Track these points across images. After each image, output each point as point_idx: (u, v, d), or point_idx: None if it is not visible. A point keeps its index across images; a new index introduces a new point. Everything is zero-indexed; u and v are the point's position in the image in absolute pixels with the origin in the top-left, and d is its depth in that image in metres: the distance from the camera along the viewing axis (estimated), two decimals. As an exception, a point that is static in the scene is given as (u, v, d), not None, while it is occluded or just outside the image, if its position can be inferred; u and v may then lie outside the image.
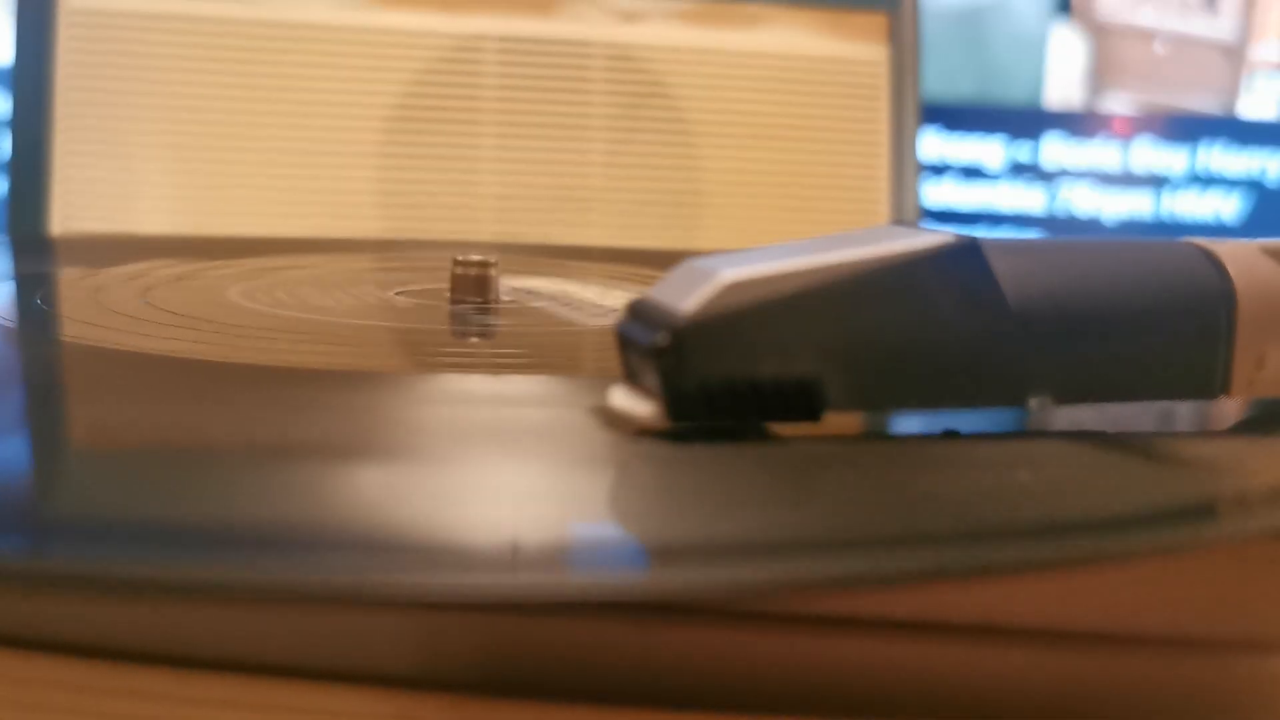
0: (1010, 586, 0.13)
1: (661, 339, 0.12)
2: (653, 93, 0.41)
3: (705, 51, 0.42)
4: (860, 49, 0.43)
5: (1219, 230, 0.61)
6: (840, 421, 0.13)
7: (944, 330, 0.12)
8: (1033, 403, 0.13)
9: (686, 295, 0.12)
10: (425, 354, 0.19)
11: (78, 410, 0.14)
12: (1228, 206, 0.62)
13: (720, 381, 0.12)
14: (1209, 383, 0.13)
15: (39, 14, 0.36)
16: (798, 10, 0.43)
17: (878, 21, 0.43)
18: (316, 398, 0.14)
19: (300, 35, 0.38)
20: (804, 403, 0.12)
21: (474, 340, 0.20)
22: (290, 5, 0.38)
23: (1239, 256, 0.13)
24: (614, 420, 0.13)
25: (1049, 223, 0.62)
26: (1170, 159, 0.62)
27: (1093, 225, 0.62)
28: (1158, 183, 0.62)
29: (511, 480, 0.11)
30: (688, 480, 0.11)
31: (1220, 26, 0.63)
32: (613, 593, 0.10)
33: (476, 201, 0.39)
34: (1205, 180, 0.61)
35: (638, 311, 0.13)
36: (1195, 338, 0.13)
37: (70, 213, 0.35)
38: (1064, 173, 0.62)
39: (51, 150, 0.35)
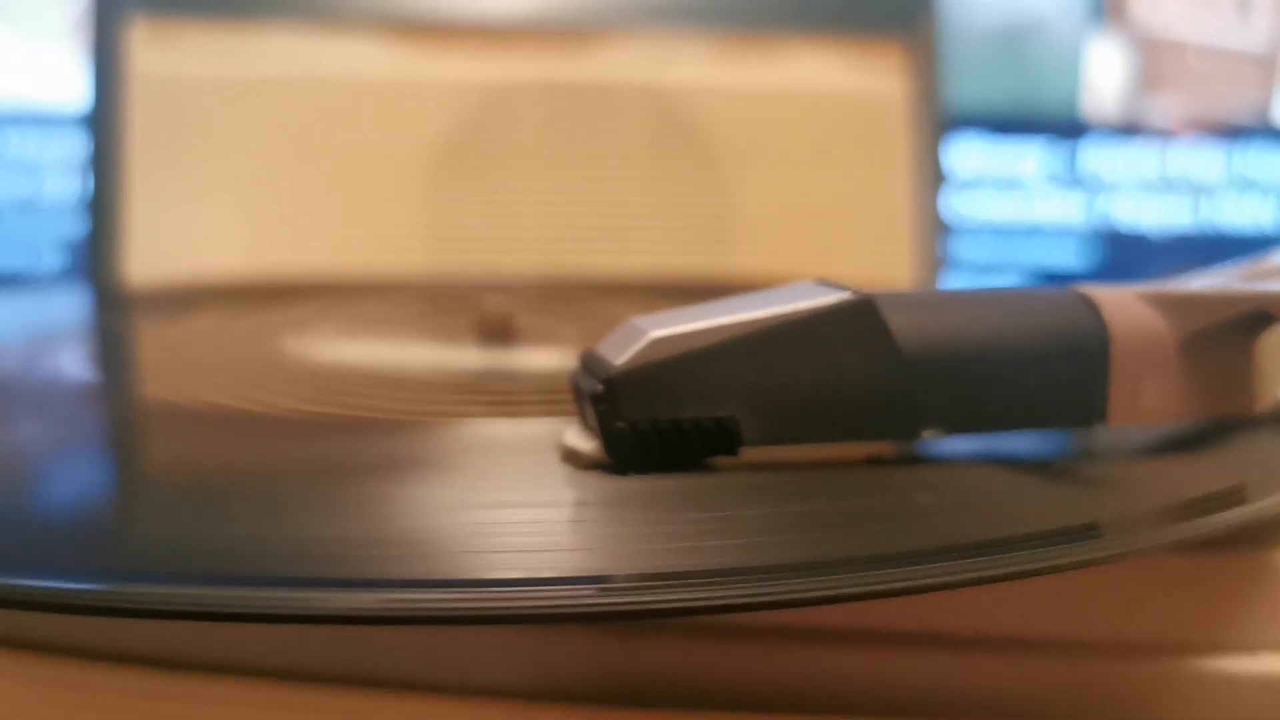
0: (942, 598, 0.15)
1: (597, 388, 0.14)
2: (685, 130, 0.43)
3: (733, 89, 0.44)
4: (881, 77, 0.45)
5: (1261, 239, 0.62)
6: (773, 453, 0.15)
7: (843, 376, 0.14)
8: (926, 434, 0.15)
9: (620, 349, 0.14)
10: (466, 399, 0.21)
11: (150, 458, 0.17)
12: (1268, 213, 0.62)
13: (648, 423, 0.14)
14: (1088, 414, 0.15)
15: (112, 80, 0.39)
16: (821, 43, 0.44)
17: (899, 49, 0.45)
18: (377, 445, 0.16)
19: (352, 87, 0.41)
20: (723, 440, 0.14)
21: (504, 383, 0.22)
22: (340, 63, 0.41)
23: (1116, 301, 0.15)
24: (567, 455, 0.15)
25: (1089, 233, 0.62)
26: (1209, 167, 0.62)
27: (1133, 235, 0.63)
28: (1199, 192, 0.62)
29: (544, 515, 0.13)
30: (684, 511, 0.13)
31: (1253, 36, 0.63)
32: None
33: (518, 235, 0.42)
34: (1244, 187, 0.61)
35: (585, 362, 0.15)
36: (1074, 376, 0.15)
37: (145, 257, 0.38)
38: (1103, 183, 0.62)
39: (128, 200, 0.39)
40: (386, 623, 0.11)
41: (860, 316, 0.14)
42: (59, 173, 0.50)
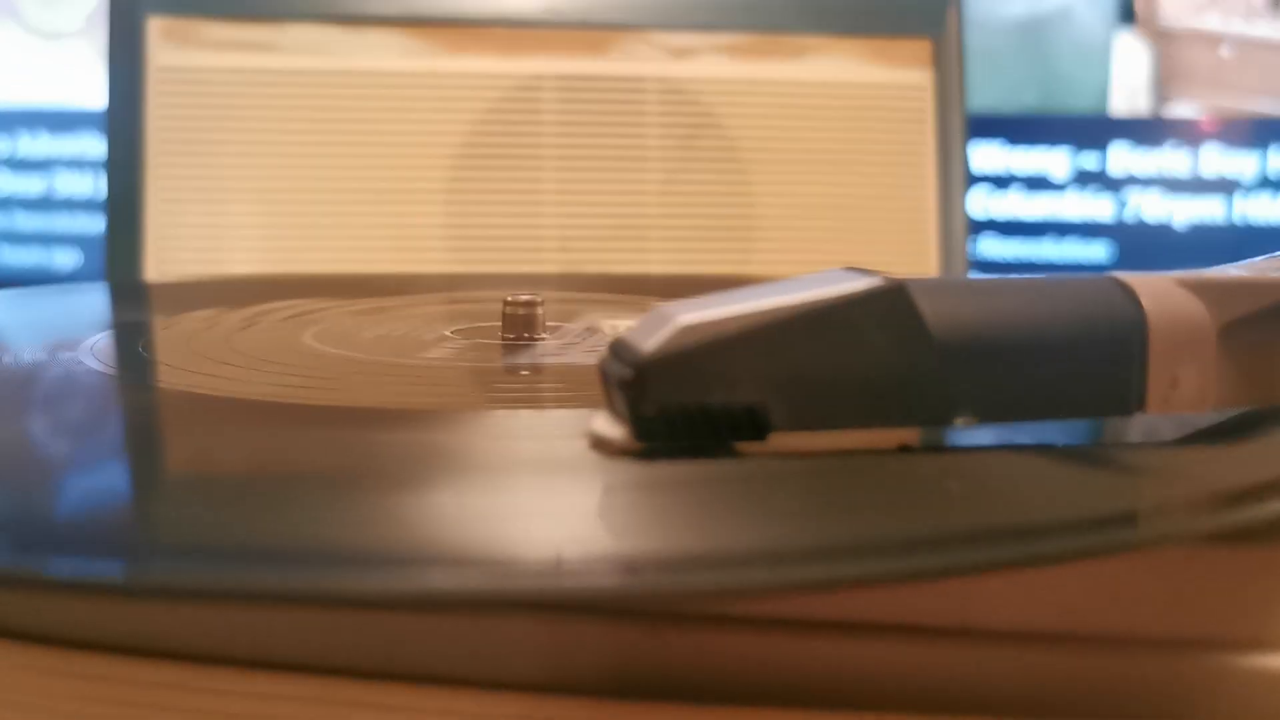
0: (972, 587, 0.15)
1: (627, 374, 0.14)
2: (705, 125, 0.43)
3: (754, 83, 0.44)
4: (905, 75, 0.45)
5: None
6: (802, 440, 0.14)
7: (874, 362, 0.14)
8: (958, 422, 0.14)
9: (650, 336, 0.14)
10: (482, 391, 0.21)
11: (173, 448, 0.17)
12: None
13: (677, 409, 0.14)
14: (1125, 402, 0.15)
15: (131, 71, 0.39)
16: (843, 39, 0.44)
17: (921, 47, 0.45)
18: (406, 436, 0.16)
19: (371, 83, 0.41)
20: (752, 426, 0.14)
21: (522, 376, 0.22)
22: (361, 56, 0.41)
23: (1153, 287, 0.15)
24: (595, 442, 0.15)
25: (1118, 231, 0.62)
26: (1240, 163, 0.61)
27: (1163, 233, 0.62)
28: (1228, 188, 0.62)
29: (561, 501, 0.13)
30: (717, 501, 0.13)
31: (1281, 31, 0.63)
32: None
33: (539, 234, 0.42)
34: (1276, 184, 0.60)
35: (615, 350, 0.15)
36: (1110, 363, 0.14)
37: (164, 256, 0.38)
38: (1132, 180, 0.62)
39: (145, 198, 0.39)
40: (412, 607, 0.11)
41: (892, 303, 0.14)
42: (78, 171, 0.51)
